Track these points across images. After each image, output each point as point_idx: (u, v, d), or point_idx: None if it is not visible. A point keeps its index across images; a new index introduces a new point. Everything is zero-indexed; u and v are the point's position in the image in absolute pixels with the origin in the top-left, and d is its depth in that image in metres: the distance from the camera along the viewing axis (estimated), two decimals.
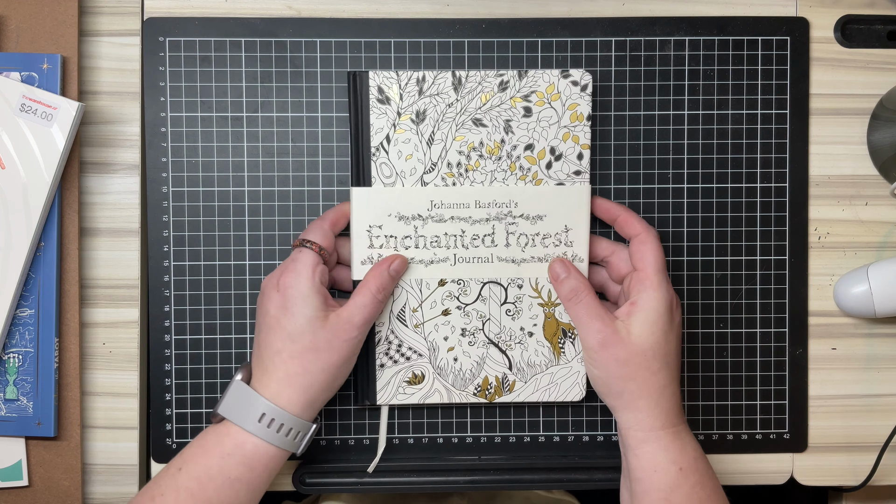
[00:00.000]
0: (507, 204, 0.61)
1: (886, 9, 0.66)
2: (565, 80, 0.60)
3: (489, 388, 0.63)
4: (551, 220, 0.61)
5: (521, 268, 0.62)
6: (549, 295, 0.62)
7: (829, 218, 0.66)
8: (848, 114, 0.66)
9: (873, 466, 0.65)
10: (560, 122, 0.61)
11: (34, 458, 0.63)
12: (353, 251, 0.61)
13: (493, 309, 0.62)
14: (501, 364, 0.62)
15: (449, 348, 0.62)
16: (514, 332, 0.62)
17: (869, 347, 0.66)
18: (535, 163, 0.61)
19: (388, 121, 0.60)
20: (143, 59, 0.64)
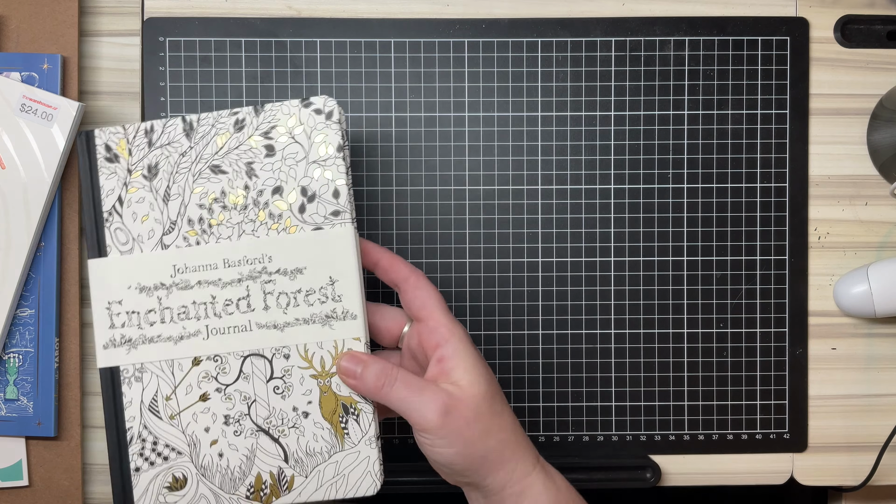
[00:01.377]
0: (259, 259, 0.53)
1: (886, 9, 0.66)
2: (307, 109, 0.54)
3: (264, 488, 0.53)
4: (313, 272, 0.53)
5: (285, 334, 0.53)
6: (322, 363, 0.53)
7: (829, 218, 0.66)
8: (848, 114, 0.66)
9: (873, 466, 0.65)
10: (308, 157, 0.53)
11: (34, 457, 0.63)
12: (96, 335, 0.54)
13: (259, 387, 0.53)
14: (275, 456, 0.53)
15: (212, 441, 0.53)
16: (286, 413, 0.53)
17: (869, 347, 0.66)
18: (287, 207, 0.53)
19: (118, 180, 0.54)
20: (143, 59, 0.64)
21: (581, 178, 0.65)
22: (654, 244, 0.65)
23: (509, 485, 0.51)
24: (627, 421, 0.65)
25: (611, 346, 0.65)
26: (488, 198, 0.65)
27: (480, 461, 0.51)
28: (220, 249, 0.53)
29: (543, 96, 0.65)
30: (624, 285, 0.65)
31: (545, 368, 0.65)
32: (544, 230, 0.65)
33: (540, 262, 0.65)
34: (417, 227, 0.65)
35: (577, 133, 0.65)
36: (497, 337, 0.65)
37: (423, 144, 0.65)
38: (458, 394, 0.50)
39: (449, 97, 0.65)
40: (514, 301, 0.65)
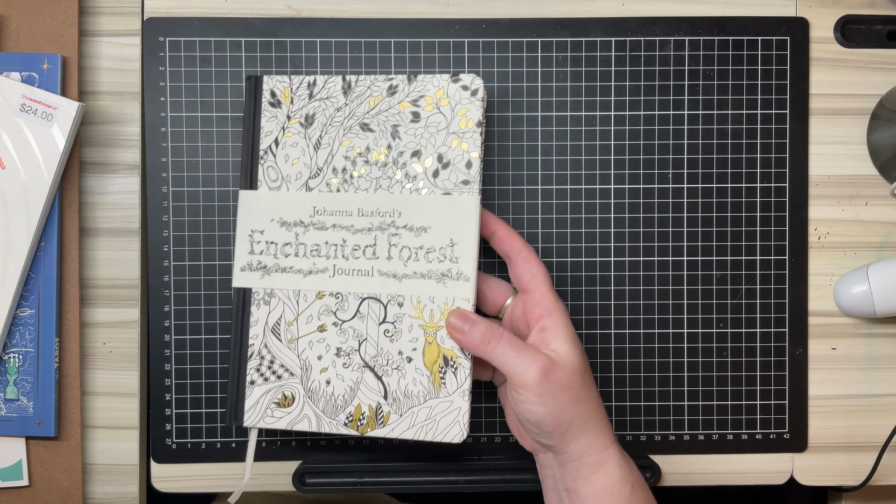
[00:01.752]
0: (390, 213, 0.58)
1: (886, 9, 0.66)
2: (455, 84, 0.58)
3: (361, 419, 0.58)
4: (436, 232, 0.57)
5: (402, 284, 0.57)
6: (432, 316, 0.57)
7: (829, 218, 0.66)
8: (848, 114, 0.66)
9: (873, 466, 0.65)
10: (449, 127, 0.58)
11: (34, 457, 0.63)
12: (235, 257, 0.59)
13: (371, 328, 0.58)
14: (376, 392, 0.58)
15: (322, 369, 0.58)
16: (391, 355, 0.58)
17: (869, 347, 0.66)
18: (423, 170, 0.58)
19: (277, 124, 0.59)
20: (143, 59, 0.64)
21: (581, 178, 0.65)
22: (654, 244, 0.65)
23: (588, 454, 0.55)
24: (627, 421, 0.65)
25: (611, 347, 0.65)
26: (488, 198, 0.65)
27: (568, 425, 0.54)
28: (357, 199, 0.58)
29: (543, 96, 0.65)
30: (624, 285, 0.65)
31: None
32: (544, 230, 0.65)
33: None
34: None
35: (577, 133, 0.65)
36: None
37: None
38: (557, 359, 0.54)
39: None
40: None
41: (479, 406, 0.65)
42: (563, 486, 0.56)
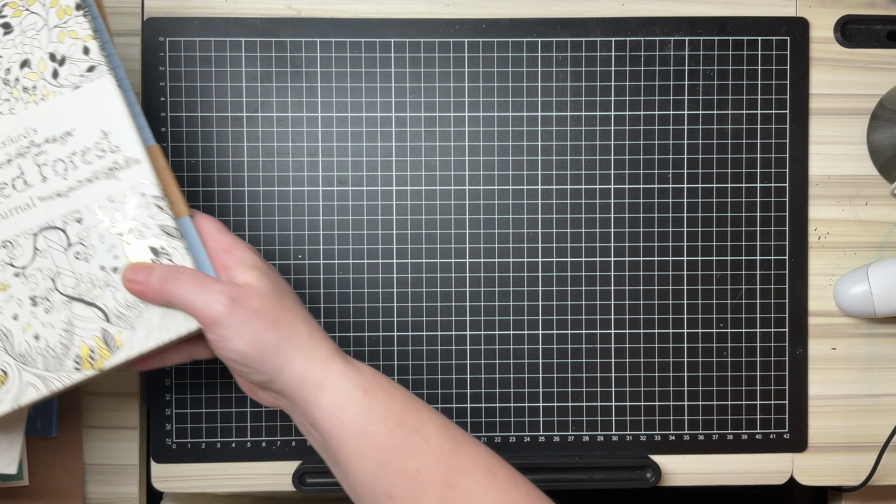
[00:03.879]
0: (24, 135, 0.52)
1: (886, 9, 0.66)
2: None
3: (92, 355, 0.51)
4: (82, 131, 0.52)
5: (71, 199, 0.51)
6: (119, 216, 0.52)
7: (829, 218, 0.66)
8: (848, 114, 0.66)
9: (873, 466, 0.65)
10: (48, 23, 0.52)
11: (34, 457, 0.63)
12: None
13: (59, 259, 0.51)
14: (95, 319, 0.51)
15: (24, 327, 0.51)
16: (94, 276, 0.51)
17: (869, 347, 0.66)
18: (39, 77, 0.52)
19: None
20: (143, 59, 0.64)
21: (581, 178, 0.65)
22: (654, 244, 0.65)
23: (307, 378, 0.50)
24: (627, 421, 0.65)
25: (611, 346, 0.65)
26: (488, 198, 0.65)
27: (275, 352, 0.49)
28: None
29: (543, 96, 0.65)
30: (624, 285, 0.65)
31: (545, 368, 0.65)
32: (544, 230, 0.65)
33: (540, 262, 0.65)
34: (417, 227, 0.65)
35: (577, 133, 0.65)
36: (497, 337, 0.65)
37: (423, 144, 0.65)
38: (244, 287, 0.50)
39: (449, 97, 0.65)
40: (514, 301, 0.65)
41: (480, 407, 0.65)
42: (308, 425, 0.52)
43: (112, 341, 0.51)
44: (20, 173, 0.51)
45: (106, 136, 0.52)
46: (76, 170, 0.52)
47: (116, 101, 0.52)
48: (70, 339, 0.51)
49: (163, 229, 0.52)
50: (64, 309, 0.51)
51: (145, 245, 0.51)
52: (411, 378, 0.65)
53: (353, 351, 0.65)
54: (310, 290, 0.64)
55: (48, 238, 0.51)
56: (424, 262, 0.65)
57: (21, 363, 0.51)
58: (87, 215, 0.52)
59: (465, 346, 0.65)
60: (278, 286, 0.52)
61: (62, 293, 0.51)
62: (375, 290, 0.65)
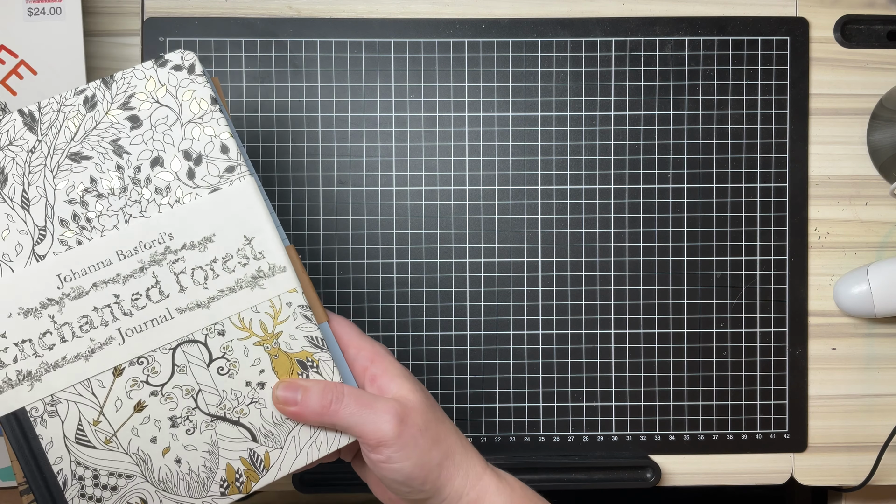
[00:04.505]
0: (158, 240, 0.47)
1: (886, 9, 0.66)
2: (165, 68, 0.49)
3: (239, 477, 0.48)
4: (223, 236, 0.48)
5: (212, 310, 0.48)
6: (264, 326, 0.48)
7: (829, 218, 0.66)
8: (848, 114, 0.66)
9: (873, 466, 0.65)
10: (181, 118, 0.48)
11: None
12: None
13: (200, 375, 0.48)
14: (241, 439, 0.48)
15: (164, 451, 0.47)
16: (239, 392, 0.48)
17: (869, 347, 0.66)
18: (173, 177, 0.48)
19: None
20: (143, 59, 0.64)
21: (581, 178, 0.65)
22: (654, 244, 0.65)
23: (465, 492, 0.49)
24: (627, 421, 0.65)
25: (611, 346, 0.65)
26: (488, 198, 0.65)
27: (438, 470, 0.48)
28: (109, 242, 0.47)
29: (543, 96, 0.65)
30: (624, 285, 0.65)
31: (545, 368, 0.65)
32: (544, 230, 0.65)
33: (540, 262, 0.65)
34: (417, 227, 0.65)
35: (577, 133, 0.65)
36: (497, 337, 0.65)
37: (423, 144, 0.65)
38: (405, 403, 0.48)
39: (449, 97, 0.65)
40: (514, 301, 0.65)
41: (480, 407, 0.65)
42: None
43: (260, 462, 0.48)
44: (155, 282, 0.47)
45: (249, 242, 0.48)
46: (217, 278, 0.48)
47: (258, 205, 0.48)
48: (215, 462, 0.48)
49: (310, 340, 0.49)
50: (207, 429, 0.48)
51: (293, 358, 0.48)
52: None
53: None
54: None
55: (188, 352, 0.48)
56: (424, 262, 0.65)
57: (161, 490, 0.47)
58: (229, 327, 0.48)
59: (465, 346, 0.65)
60: (427, 396, 0.50)
61: (205, 412, 0.48)
62: (375, 290, 0.65)
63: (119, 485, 0.47)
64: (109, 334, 0.47)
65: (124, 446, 0.47)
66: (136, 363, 0.47)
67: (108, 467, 0.47)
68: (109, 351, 0.47)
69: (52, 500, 0.47)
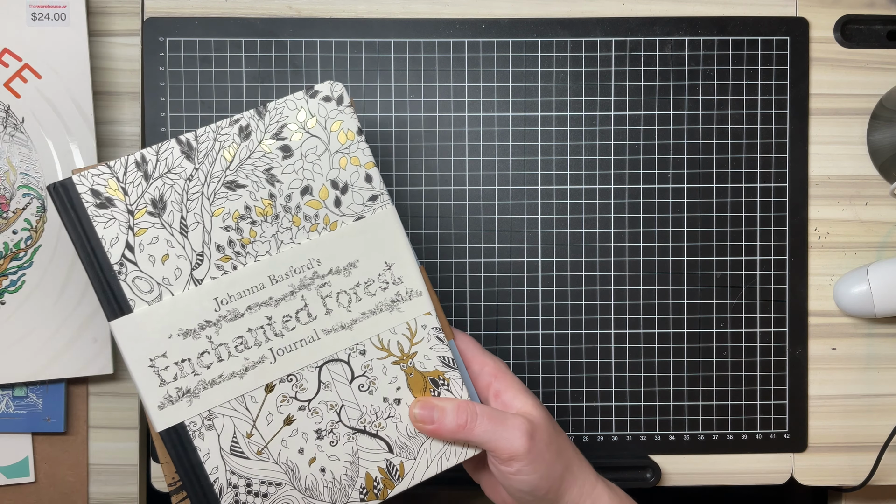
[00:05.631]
0: (307, 265, 0.51)
1: (886, 9, 0.66)
2: (315, 99, 0.51)
3: (377, 485, 0.51)
4: (367, 262, 0.51)
5: (355, 331, 0.51)
6: (400, 347, 0.52)
7: (829, 218, 0.66)
8: (848, 114, 0.66)
9: (873, 466, 0.65)
10: (329, 148, 0.51)
11: (40, 454, 0.63)
12: (144, 398, 0.49)
13: (343, 391, 0.51)
14: (379, 450, 0.52)
15: (310, 460, 0.51)
16: (378, 407, 0.52)
17: (869, 347, 0.66)
18: (321, 205, 0.51)
19: (120, 226, 0.49)
20: (143, 59, 0.64)
21: (581, 178, 0.65)
22: (654, 244, 0.65)
23: (580, 500, 0.52)
24: (627, 421, 0.66)
25: (611, 346, 0.65)
26: (488, 198, 0.65)
27: (559, 481, 0.52)
28: (262, 267, 0.50)
29: (543, 96, 0.65)
30: (624, 285, 0.65)
31: (545, 368, 0.65)
32: (544, 230, 0.65)
33: (540, 262, 0.65)
34: (417, 227, 0.65)
35: (577, 133, 0.65)
36: (497, 337, 0.65)
37: (423, 144, 0.65)
38: (532, 419, 0.51)
39: (449, 97, 0.65)
40: (514, 301, 0.65)
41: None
42: None
43: (395, 471, 0.52)
44: (304, 305, 0.51)
45: (389, 268, 0.52)
46: (359, 302, 0.51)
47: (398, 232, 0.52)
48: (356, 471, 0.51)
49: (442, 360, 0.52)
50: (349, 441, 0.51)
51: (426, 377, 0.52)
52: None
53: None
54: None
55: (332, 371, 0.51)
56: (424, 263, 0.65)
57: (308, 497, 0.51)
58: (370, 347, 0.51)
59: None
60: (545, 411, 0.53)
61: (347, 426, 0.51)
62: None
63: (270, 492, 0.51)
64: (262, 354, 0.50)
65: (275, 457, 0.51)
66: (286, 380, 0.51)
67: (260, 476, 0.51)
68: (262, 369, 0.50)
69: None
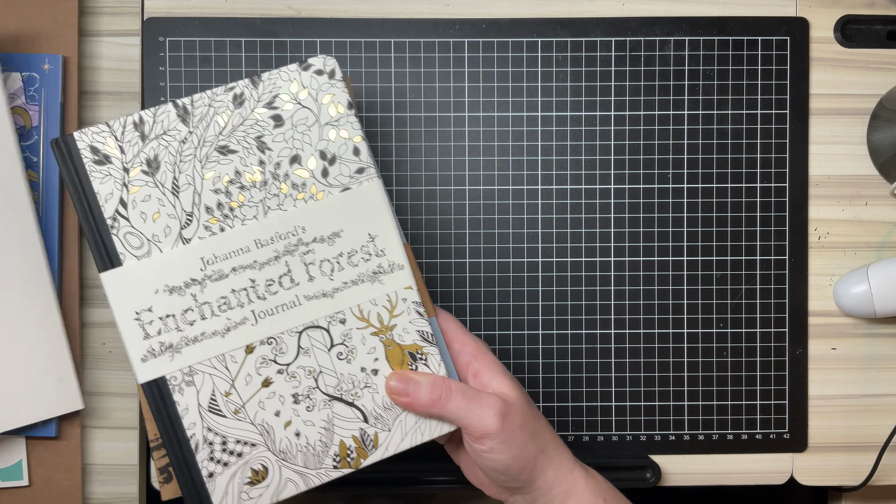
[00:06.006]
0: (293, 232, 0.52)
1: (886, 9, 0.66)
2: (308, 71, 0.53)
3: (350, 454, 0.52)
4: (351, 232, 0.52)
5: (336, 300, 0.52)
6: (380, 319, 0.52)
7: (829, 218, 0.66)
8: (848, 114, 0.66)
9: (873, 466, 0.65)
10: (320, 120, 0.52)
11: (34, 457, 0.63)
12: (129, 349, 0.51)
13: (322, 358, 0.52)
14: (354, 419, 0.52)
15: (286, 423, 0.51)
16: (355, 376, 0.52)
17: (869, 347, 0.66)
18: (309, 175, 0.52)
19: (115, 182, 0.51)
20: (143, 59, 0.64)
21: (581, 178, 0.65)
22: (654, 244, 0.65)
23: (556, 484, 0.53)
24: (627, 421, 0.66)
25: (611, 346, 0.65)
26: (488, 198, 0.65)
27: (533, 463, 0.52)
28: (249, 231, 0.52)
29: (543, 96, 0.65)
30: (624, 285, 0.65)
31: (545, 368, 0.65)
32: (544, 230, 0.65)
33: (540, 262, 0.65)
34: (417, 227, 0.65)
35: (577, 133, 0.65)
36: (497, 337, 0.65)
37: (423, 144, 0.65)
38: (508, 399, 0.51)
39: (449, 97, 0.65)
40: (514, 301, 0.65)
41: None
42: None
43: (370, 441, 0.52)
44: (287, 271, 0.52)
45: (372, 240, 0.52)
46: (342, 271, 0.52)
47: (384, 205, 0.53)
48: (330, 438, 0.52)
49: (421, 334, 0.53)
50: (325, 408, 0.52)
51: (405, 350, 0.53)
52: None
53: None
54: None
55: (312, 337, 0.52)
56: (424, 263, 0.65)
57: (282, 459, 0.51)
58: (350, 317, 0.52)
59: None
60: (525, 393, 0.53)
61: (324, 392, 0.52)
62: None
63: (244, 452, 0.51)
64: (244, 315, 0.51)
65: (251, 417, 0.51)
66: (266, 343, 0.52)
67: (236, 435, 0.51)
68: (244, 330, 0.51)
69: (184, 461, 0.51)
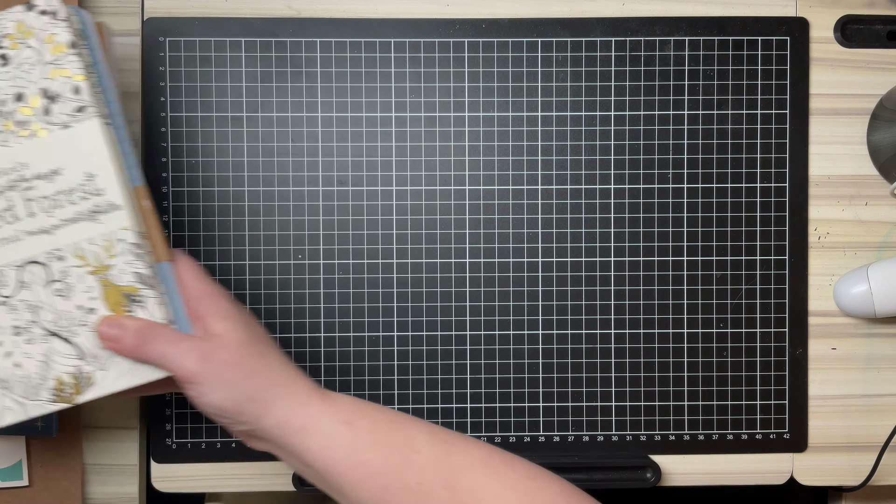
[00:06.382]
0: (16, 168, 0.52)
1: (886, 9, 0.66)
2: (32, 12, 0.53)
3: (66, 389, 0.53)
4: (69, 171, 0.52)
5: (55, 236, 0.52)
6: (98, 258, 0.53)
7: (829, 218, 0.66)
8: (848, 114, 0.66)
9: (873, 466, 0.65)
10: (43, 59, 0.52)
11: (34, 457, 0.63)
12: None
13: (41, 293, 0.53)
14: (71, 356, 0.53)
15: (6, 354, 0.52)
16: (72, 314, 0.53)
17: (869, 347, 0.66)
18: (32, 112, 0.52)
19: None
20: (143, 59, 0.64)
21: (581, 178, 0.65)
22: (654, 244, 0.65)
23: (288, 421, 0.51)
24: (627, 421, 0.65)
25: (611, 346, 0.65)
26: (488, 198, 0.65)
27: (250, 402, 0.51)
28: None
29: (543, 96, 0.65)
30: (624, 285, 0.65)
31: (545, 368, 0.65)
32: (544, 230, 0.65)
33: (540, 262, 0.65)
34: (417, 227, 0.65)
35: (577, 133, 0.65)
36: (497, 337, 0.65)
37: (423, 144, 0.65)
38: (215, 341, 0.51)
39: (449, 97, 0.65)
40: (514, 301, 0.65)
41: (480, 406, 0.65)
42: (301, 466, 0.52)
43: (85, 379, 0.53)
44: (10, 206, 0.52)
45: (91, 179, 0.52)
46: (61, 209, 0.52)
47: (102, 145, 0.52)
48: (46, 372, 0.52)
49: (138, 277, 0.52)
50: (43, 342, 0.53)
51: (121, 291, 0.52)
52: (411, 378, 0.65)
53: (353, 351, 0.65)
54: (310, 290, 0.64)
55: (32, 272, 0.53)
56: (424, 262, 0.65)
57: (2, 387, 0.52)
58: (68, 255, 0.52)
59: (465, 346, 0.65)
60: (252, 334, 0.53)
61: (42, 327, 0.53)
62: (375, 290, 0.65)
63: None
64: None
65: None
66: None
67: None
68: None
69: None
